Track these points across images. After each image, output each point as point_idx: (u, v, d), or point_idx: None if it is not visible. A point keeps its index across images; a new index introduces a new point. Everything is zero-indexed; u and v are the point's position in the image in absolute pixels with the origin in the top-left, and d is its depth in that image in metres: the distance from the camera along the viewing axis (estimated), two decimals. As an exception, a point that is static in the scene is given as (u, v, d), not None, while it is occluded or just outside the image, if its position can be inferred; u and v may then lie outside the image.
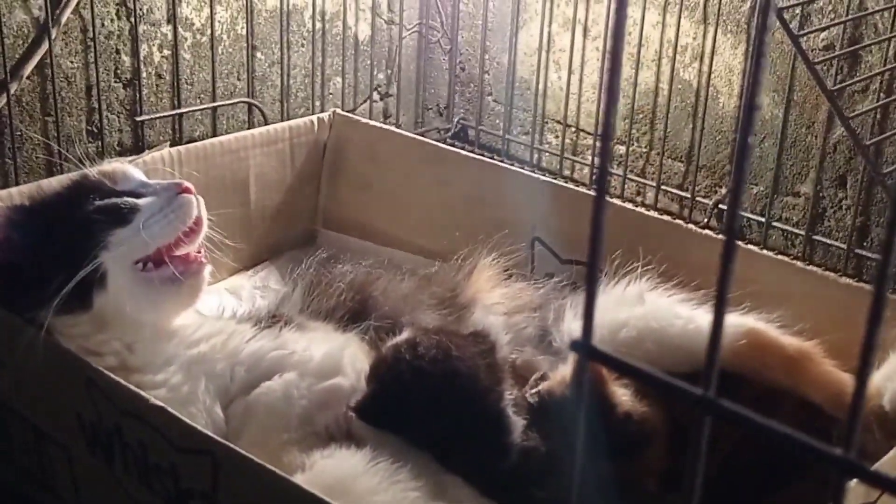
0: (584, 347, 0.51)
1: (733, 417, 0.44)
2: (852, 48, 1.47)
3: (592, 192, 1.49)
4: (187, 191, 1.01)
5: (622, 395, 0.98)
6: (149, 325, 0.98)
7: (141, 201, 0.99)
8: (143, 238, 0.95)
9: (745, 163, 0.43)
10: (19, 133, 1.49)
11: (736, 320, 1.00)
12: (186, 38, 1.65)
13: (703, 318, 1.01)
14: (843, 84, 1.43)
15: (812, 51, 1.52)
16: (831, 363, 0.99)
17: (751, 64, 1.61)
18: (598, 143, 1.84)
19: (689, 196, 1.72)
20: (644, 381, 0.50)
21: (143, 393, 0.84)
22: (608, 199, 1.41)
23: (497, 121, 2.01)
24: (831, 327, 0.99)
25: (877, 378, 0.97)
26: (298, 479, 0.79)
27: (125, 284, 0.96)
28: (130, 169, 1.05)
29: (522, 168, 1.63)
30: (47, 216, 0.98)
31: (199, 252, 1.02)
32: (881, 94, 1.47)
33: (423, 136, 1.85)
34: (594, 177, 1.86)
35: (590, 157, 1.85)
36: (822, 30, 1.50)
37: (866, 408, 0.94)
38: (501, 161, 1.73)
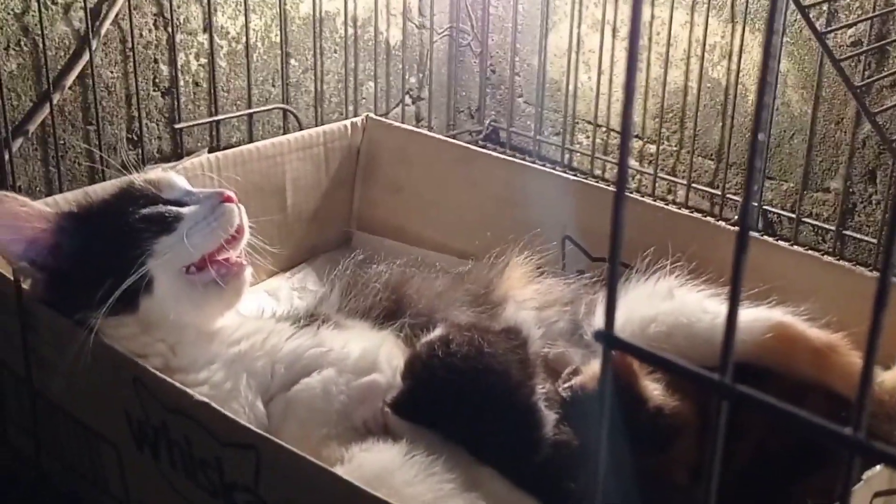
0: (607, 337, 0.53)
1: (750, 401, 0.46)
2: (879, 44, 1.48)
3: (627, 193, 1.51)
4: (229, 199, 1.03)
5: (653, 389, 1.00)
6: (192, 327, 1.01)
7: (185, 210, 1.02)
8: (186, 246, 0.98)
9: (756, 158, 0.46)
10: (62, 142, 1.53)
11: (763, 314, 1.02)
12: (222, 47, 1.69)
13: (730, 312, 1.02)
14: (870, 80, 1.44)
15: (839, 47, 1.53)
16: (858, 355, 1.00)
17: (778, 62, 1.62)
18: (637, 144, 1.86)
19: (719, 193, 1.74)
20: (664, 368, 0.53)
21: (188, 390, 0.87)
22: (639, 197, 1.42)
23: (528, 122, 2.03)
24: (858, 320, 1.00)
25: (904, 372, 0.98)
26: (338, 471, 0.82)
27: (170, 290, 0.98)
28: (175, 177, 1.07)
29: (552, 168, 1.65)
30: (95, 223, 1.01)
31: (239, 256, 1.05)
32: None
33: (454, 138, 1.87)
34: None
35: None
36: (849, 26, 1.51)
37: (891, 398, 0.96)
38: (534, 162, 1.75)
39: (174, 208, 1.02)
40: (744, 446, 1.00)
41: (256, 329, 1.03)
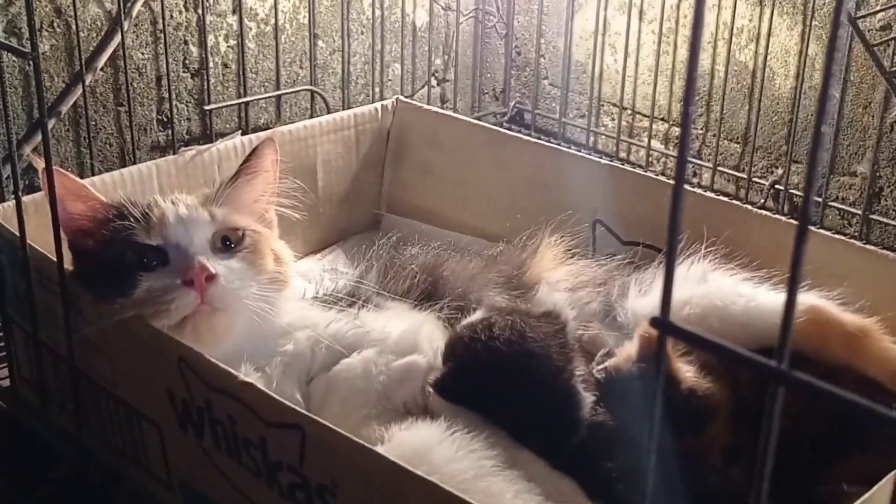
0: (664, 324, 0.54)
1: (806, 388, 0.47)
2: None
3: (651, 175, 1.52)
4: (190, 283, 0.96)
5: (686, 371, 1.01)
6: None
7: (143, 279, 0.97)
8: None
9: (818, 152, 0.47)
10: (94, 122, 1.55)
11: (797, 298, 1.03)
12: (251, 28, 1.70)
13: (764, 296, 1.04)
14: (887, 39, 1.44)
15: (868, 31, 1.53)
16: (891, 340, 1.01)
17: (806, 45, 1.62)
18: (662, 127, 1.86)
19: (745, 177, 1.74)
20: (720, 354, 0.54)
21: (232, 370, 0.88)
22: (665, 180, 1.43)
23: (553, 104, 2.04)
24: (890, 305, 1.02)
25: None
26: (379, 450, 0.83)
27: None
28: (173, 215, 1.01)
29: (580, 151, 1.65)
30: (105, 231, 1.02)
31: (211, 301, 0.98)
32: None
33: (479, 120, 1.88)
34: (649, 158, 1.88)
35: (646, 140, 1.87)
36: (880, 11, 1.51)
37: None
38: (559, 144, 1.76)
39: (134, 272, 0.98)
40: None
41: (300, 320, 1.04)
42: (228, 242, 1.02)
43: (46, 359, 1.09)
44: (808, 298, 1.02)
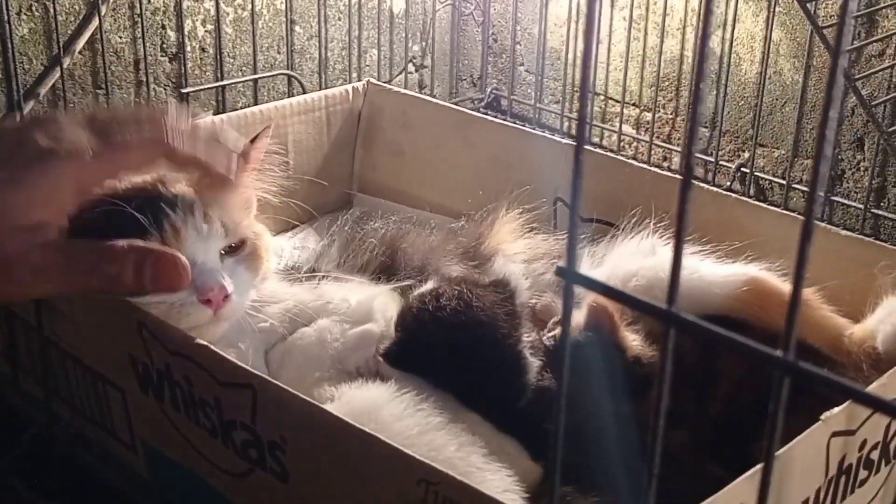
0: (568, 273, 0.58)
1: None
2: (864, 11, 1.51)
3: (609, 154, 1.56)
4: (208, 302, 0.96)
5: (632, 339, 1.05)
6: None
7: None
8: None
9: (697, 105, 0.50)
10: (72, 105, 1.58)
11: (739, 269, 1.06)
12: (228, 14, 1.73)
13: (707, 268, 1.07)
14: (854, 47, 1.48)
15: (829, 17, 1.57)
16: (830, 309, 1.05)
17: (770, 31, 1.65)
18: (634, 112, 1.89)
19: (713, 160, 1.78)
20: (623, 302, 0.57)
21: (189, 333, 0.92)
22: (623, 159, 1.46)
23: (529, 90, 2.07)
24: (829, 276, 1.05)
25: (871, 321, 1.03)
26: (328, 408, 0.87)
27: None
28: (192, 229, 0.97)
29: (545, 133, 1.69)
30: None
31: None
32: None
33: (457, 106, 1.92)
34: (621, 143, 1.92)
35: (617, 125, 1.91)
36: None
37: (860, 349, 1.01)
38: (524, 125, 1.79)
39: None
40: (718, 394, 1.05)
41: (269, 297, 1.06)
42: (233, 246, 1.02)
43: (19, 328, 1.13)
44: (749, 269, 1.06)
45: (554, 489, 0.57)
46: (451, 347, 1.02)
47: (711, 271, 1.07)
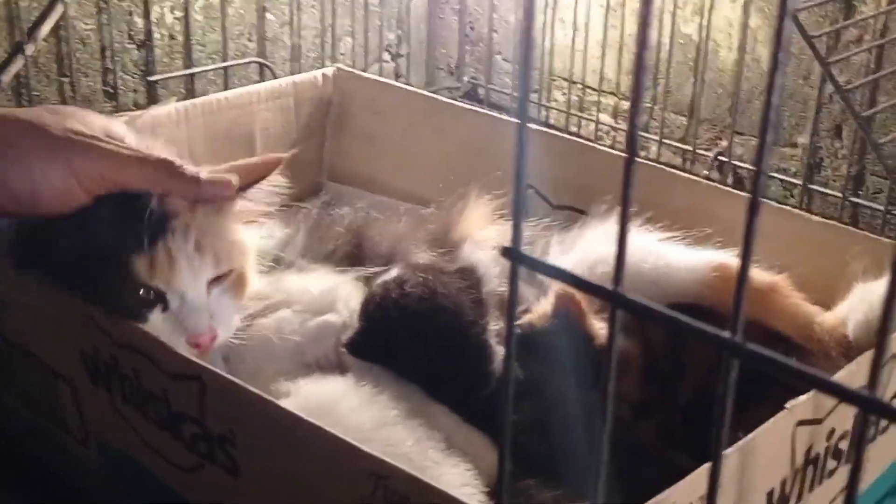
0: (513, 254, 0.55)
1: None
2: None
3: (580, 140, 1.53)
4: (198, 346, 0.94)
5: (599, 328, 1.02)
6: None
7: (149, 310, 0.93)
8: None
9: (641, 76, 0.47)
10: (37, 94, 1.55)
11: (707, 255, 1.04)
12: (197, 0, 1.70)
13: (674, 255, 1.05)
14: (825, 31, 1.46)
15: (805, 2, 1.54)
16: (799, 296, 1.02)
17: (747, 18, 1.63)
18: (611, 101, 1.87)
19: (690, 149, 1.75)
20: (569, 283, 0.54)
21: (136, 324, 0.89)
22: (594, 145, 1.43)
23: (506, 79, 2.05)
24: (798, 262, 1.03)
25: (842, 308, 1.00)
26: (284, 403, 0.84)
27: None
28: (182, 260, 0.94)
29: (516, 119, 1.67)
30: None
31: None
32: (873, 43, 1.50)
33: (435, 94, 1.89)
34: (598, 132, 1.89)
35: (595, 114, 1.88)
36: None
37: (831, 337, 0.98)
38: (491, 111, 1.76)
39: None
40: (686, 384, 1.02)
41: None
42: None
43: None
44: (718, 256, 1.03)
45: (502, 474, 0.55)
46: (416, 336, 0.99)
47: (678, 258, 1.04)
